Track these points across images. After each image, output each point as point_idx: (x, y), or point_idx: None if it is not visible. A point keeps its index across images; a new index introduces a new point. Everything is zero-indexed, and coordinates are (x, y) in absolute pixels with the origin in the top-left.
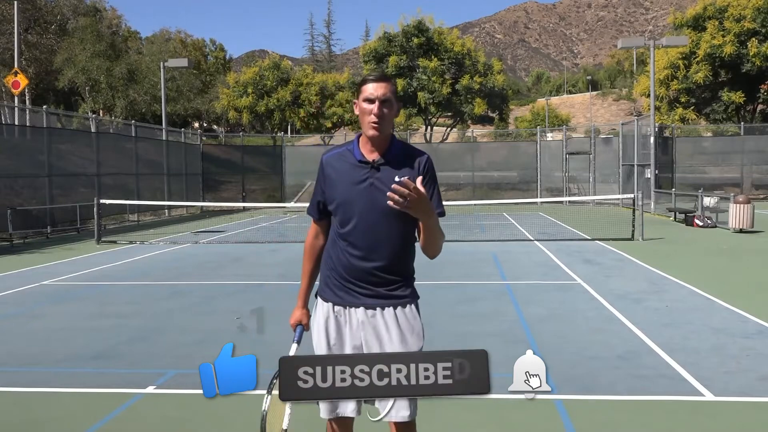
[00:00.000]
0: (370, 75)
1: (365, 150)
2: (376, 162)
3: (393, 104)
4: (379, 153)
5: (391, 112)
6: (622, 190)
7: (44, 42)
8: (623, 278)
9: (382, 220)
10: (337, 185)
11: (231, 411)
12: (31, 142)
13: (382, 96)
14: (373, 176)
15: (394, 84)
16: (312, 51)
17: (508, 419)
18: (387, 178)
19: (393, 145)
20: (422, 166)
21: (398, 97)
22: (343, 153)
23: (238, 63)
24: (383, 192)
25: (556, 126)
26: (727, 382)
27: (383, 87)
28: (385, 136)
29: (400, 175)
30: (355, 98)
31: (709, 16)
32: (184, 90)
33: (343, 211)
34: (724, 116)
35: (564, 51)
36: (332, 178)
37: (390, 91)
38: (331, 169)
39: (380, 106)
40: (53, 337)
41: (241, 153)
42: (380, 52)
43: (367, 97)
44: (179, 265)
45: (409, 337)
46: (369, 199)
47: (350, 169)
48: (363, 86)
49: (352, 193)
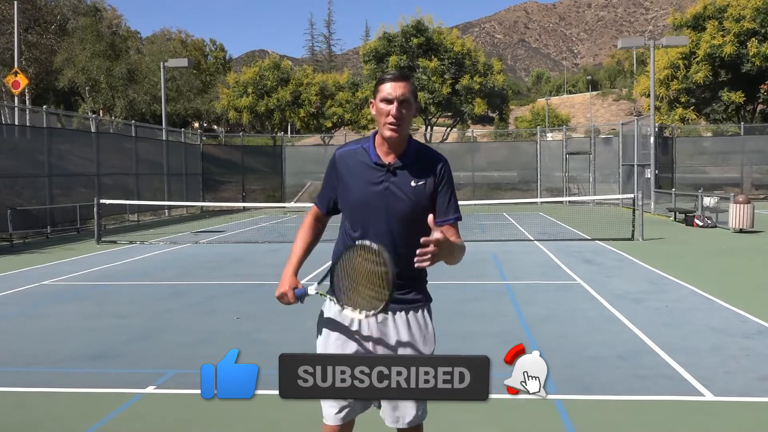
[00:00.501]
0: (388, 74)
1: (381, 151)
2: (393, 165)
3: (412, 104)
4: (395, 155)
5: (409, 112)
6: (622, 190)
7: (44, 42)
8: (623, 278)
9: (395, 225)
10: (351, 185)
11: (231, 411)
12: (31, 142)
13: (401, 96)
14: (389, 180)
15: (413, 83)
16: (312, 51)
17: (508, 419)
18: (403, 183)
19: (410, 147)
20: (440, 173)
21: (417, 97)
22: (358, 151)
23: (238, 63)
24: (398, 197)
25: (556, 126)
26: (727, 382)
27: (402, 86)
28: (402, 137)
29: (417, 181)
30: (372, 97)
31: (708, 16)
32: (184, 90)
33: (355, 214)
34: (724, 116)
35: (564, 51)
36: (346, 176)
37: (409, 91)
38: (345, 166)
39: (399, 107)
40: (53, 337)
41: (241, 153)
42: (380, 52)
43: (385, 97)
44: (179, 265)
45: (421, 344)
46: (384, 204)
47: (365, 169)
48: (380, 85)
49: (367, 195)
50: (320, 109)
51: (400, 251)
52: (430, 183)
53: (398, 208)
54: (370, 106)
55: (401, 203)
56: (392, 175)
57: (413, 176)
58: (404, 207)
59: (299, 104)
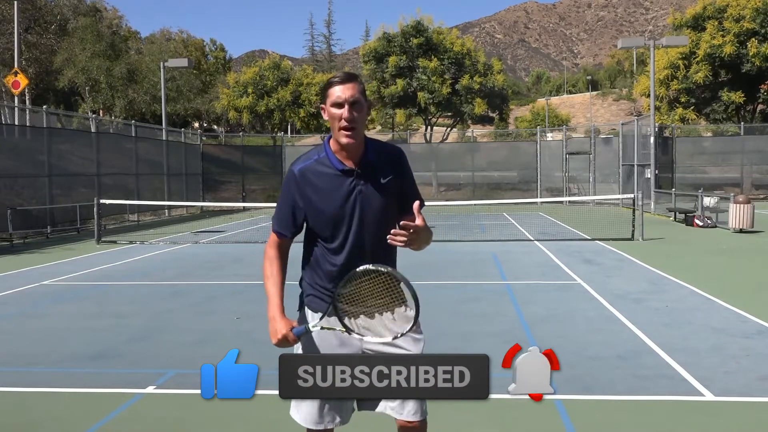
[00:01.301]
0: (335, 77)
1: (341, 156)
2: (358, 169)
3: (363, 105)
4: (356, 158)
5: (362, 113)
6: (622, 190)
7: (44, 42)
8: (623, 278)
9: (372, 226)
10: (323, 198)
11: (231, 411)
12: (31, 142)
13: (350, 98)
14: (360, 184)
15: (361, 83)
16: (312, 51)
17: (508, 419)
18: (373, 184)
19: (368, 147)
20: (402, 165)
21: (366, 96)
22: (319, 161)
23: (238, 63)
24: (371, 199)
25: (556, 126)
26: (727, 382)
27: (350, 88)
28: (359, 141)
29: (384, 178)
30: (321, 103)
31: (708, 16)
32: (184, 90)
33: (330, 225)
34: (724, 116)
35: (564, 51)
36: (313, 191)
37: (358, 92)
38: (309, 181)
39: (350, 109)
40: (53, 337)
41: (241, 153)
42: (380, 52)
43: (335, 101)
44: (179, 265)
45: (411, 343)
46: (359, 208)
47: (332, 179)
48: (329, 90)
49: (341, 204)
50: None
51: (377, 249)
52: (398, 177)
53: (373, 209)
54: (322, 111)
55: (375, 203)
56: (360, 178)
57: (380, 175)
58: (378, 206)
59: (299, 104)
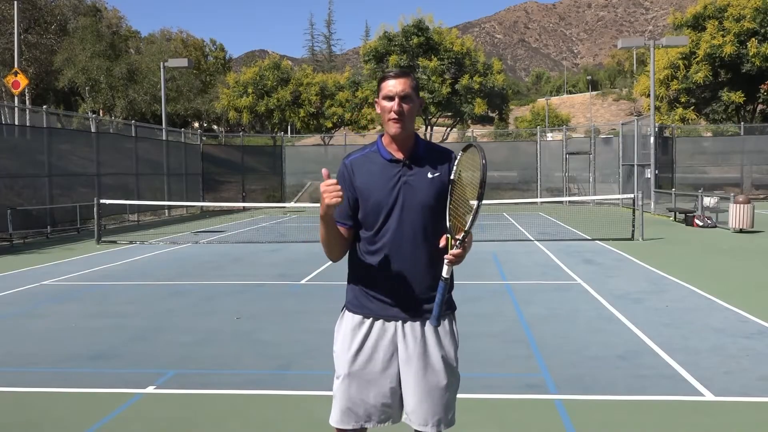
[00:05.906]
0: (389, 71)
1: (391, 149)
2: (407, 160)
3: (414, 100)
4: (406, 151)
5: (412, 108)
6: (622, 190)
7: (44, 42)
8: (623, 278)
9: (412, 215)
10: (370, 186)
11: (231, 411)
12: (31, 142)
13: (402, 92)
14: (406, 174)
15: (414, 79)
16: (312, 51)
17: (508, 419)
18: (420, 176)
19: (418, 143)
20: (452, 165)
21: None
22: (369, 155)
23: (238, 63)
24: (417, 190)
25: (556, 126)
26: (727, 382)
27: (402, 83)
28: (408, 133)
29: (433, 173)
30: (376, 96)
31: (708, 15)
32: (184, 90)
33: (374, 210)
34: (724, 116)
35: (564, 51)
36: (362, 180)
37: (410, 87)
38: (359, 170)
39: (400, 102)
40: (53, 337)
41: (241, 153)
42: (380, 52)
43: (387, 94)
44: (179, 265)
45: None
46: (403, 198)
47: (381, 168)
48: (382, 83)
49: (386, 192)
50: (320, 109)
51: (423, 246)
52: (445, 174)
53: (417, 201)
54: (376, 105)
55: (419, 194)
56: (408, 169)
57: (428, 168)
58: (423, 199)
59: (299, 104)
